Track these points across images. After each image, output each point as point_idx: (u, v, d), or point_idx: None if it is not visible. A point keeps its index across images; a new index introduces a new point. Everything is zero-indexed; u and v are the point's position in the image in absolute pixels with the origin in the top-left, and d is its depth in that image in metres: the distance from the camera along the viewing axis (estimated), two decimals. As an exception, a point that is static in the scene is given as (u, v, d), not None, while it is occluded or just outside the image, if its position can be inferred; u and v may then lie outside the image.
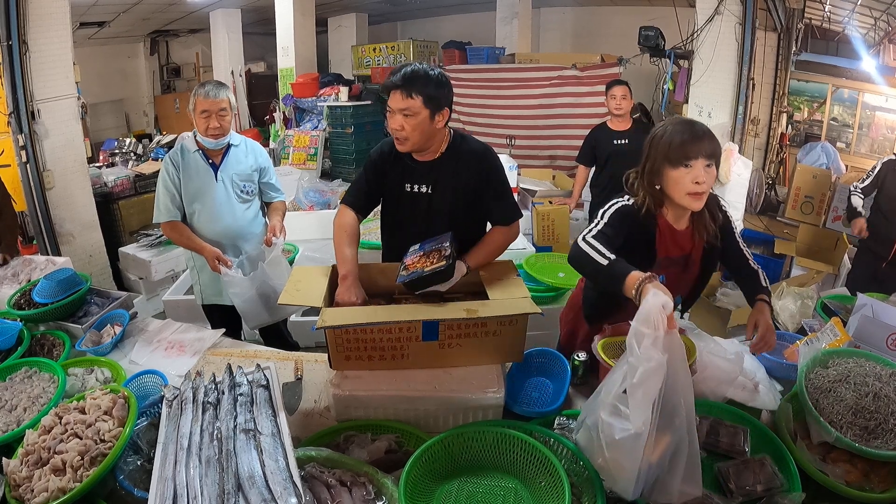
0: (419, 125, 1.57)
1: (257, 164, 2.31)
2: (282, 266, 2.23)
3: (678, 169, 1.36)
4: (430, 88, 1.55)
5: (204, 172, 2.20)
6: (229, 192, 2.24)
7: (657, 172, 1.41)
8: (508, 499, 1.18)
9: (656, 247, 1.49)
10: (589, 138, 3.55)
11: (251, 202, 2.33)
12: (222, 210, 2.23)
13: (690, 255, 1.54)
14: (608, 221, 1.45)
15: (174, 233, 2.20)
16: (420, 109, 1.55)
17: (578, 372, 1.57)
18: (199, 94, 2.11)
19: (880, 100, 4.45)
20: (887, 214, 2.66)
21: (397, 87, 1.54)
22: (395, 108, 1.56)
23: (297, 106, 5.99)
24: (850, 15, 4.23)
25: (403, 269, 1.52)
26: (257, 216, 2.37)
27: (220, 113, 2.12)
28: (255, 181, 2.32)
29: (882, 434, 1.21)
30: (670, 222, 1.50)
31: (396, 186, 1.72)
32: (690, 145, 1.35)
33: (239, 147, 2.28)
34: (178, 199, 2.19)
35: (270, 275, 2.18)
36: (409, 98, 1.54)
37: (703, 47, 3.80)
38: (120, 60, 8.02)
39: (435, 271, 1.44)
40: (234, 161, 2.25)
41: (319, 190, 4.45)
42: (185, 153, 2.21)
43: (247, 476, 1.05)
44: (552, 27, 7.02)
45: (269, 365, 1.38)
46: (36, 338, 1.85)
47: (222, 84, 2.18)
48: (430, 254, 1.52)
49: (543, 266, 2.80)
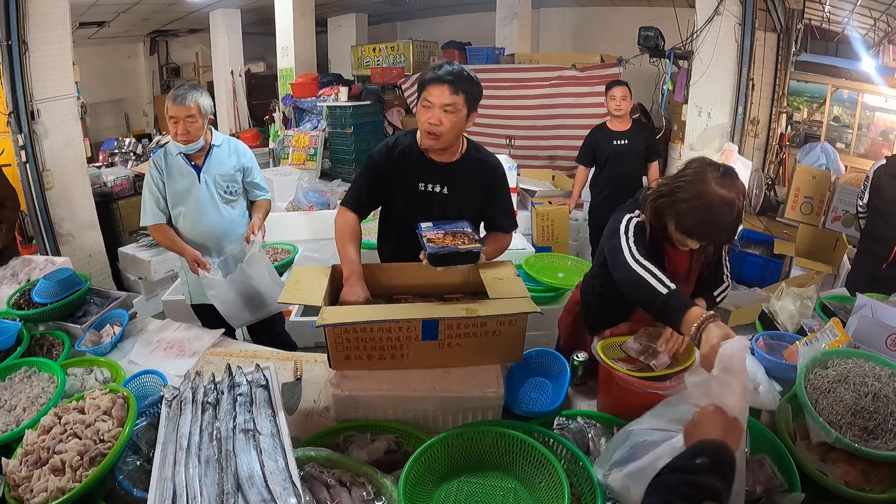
0: (457, 122, 1.60)
1: (240, 164, 2.29)
2: (260, 264, 2.21)
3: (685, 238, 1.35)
4: (473, 88, 1.60)
5: (187, 174, 2.19)
6: (213, 193, 2.22)
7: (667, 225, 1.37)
8: (508, 499, 1.18)
9: (666, 264, 1.46)
10: (588, 139, 3.56)
11: (235, 202, 2.31)
12: (206, 211, 2.22)
13: (689, 272, 1.55)
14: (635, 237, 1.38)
15: (159, 234, 2.22)
16: (462, 107, 1.58)
17: (578, 372, 1.57)
18: (168, 99, 2.10)
19: (880, 100, 4.45)
20: (885, 216, 2.66)
21: (445, 81, 1.55)
22: (436, 102, 1.57)
23: (297, 106, 5.99)
24: (850, 15, 4.23)
25: (427, 241, 1.51)
26: (243, 216, 2.35)
27: (188, 119, 2.08)
28: (239, 181, 2.30)
29: (881, 434, 1.20)
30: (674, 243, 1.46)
31: (408, 184, 1.72)
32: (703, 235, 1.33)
33: (221, 147, 2.25)
34: (162, 201, 2.20)
35: (249, 273, 2.17)
36: (455, 94, 1.56)
37: (703, 48, 3.80)
38: (120, 60, 8.02)
39: (472, 251, 1.49)
40: (217, 162, 2.23)
41: (319, 190, 4.44)
42: (168, 156, 2.20)
43: (246, 476, 1.05)
44: (552, 27, 7.02)
45: (268, 365, 1.38)
46: (35, 338, 1.85)
47: (194, 88, 2.13)
48: (457, 234, 1.55)
49: (543, 266, 2.81)
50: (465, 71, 1.60)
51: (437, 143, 1.63)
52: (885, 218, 2.66)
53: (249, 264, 2.16)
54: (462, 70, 1.59)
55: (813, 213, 3.78)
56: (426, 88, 1.59)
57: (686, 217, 1.30)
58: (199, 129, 2.12)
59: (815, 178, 3.80)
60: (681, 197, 1.30)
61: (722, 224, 1.28)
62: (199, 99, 2.10)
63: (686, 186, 1.30)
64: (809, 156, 4.33)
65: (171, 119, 2.10)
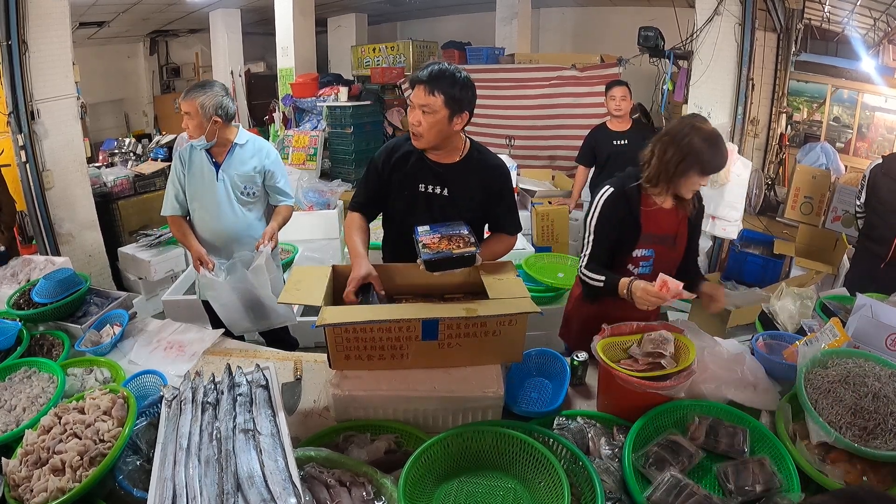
0: (436, 123, 1.59)
1: (262, 166, 2.25)
2: (265, 276, 2.15)
3: (704, 177, 1.61)
4: (455, 90, 1.56)
5: (207, 170, 2.20)
6: (229, 192, 2.21)
7: (683, 173, 1.59)
8: (508, 499, 1.18)
9: (641, 222, 1.67)
10: (588, 139, 3.56)
11: (253, 205, 2.28)
12: (221, 210, 2.21)
13: (677, 234, 1.72)
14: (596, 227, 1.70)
15: (173, 227, 2.27)
16: (440, 108, 1.56)
17: (578, 372, 1.57)
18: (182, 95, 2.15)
19: (880, 100, 4.45)
20: (882, 216, 2.66)
21: (422, 82, 1.56)
22: (416, 102, 1.59)
23: (297, 106, 5.98)
24: (850, 15, 4.23)
25: (423, 247, 1.51)
26: (259, 220, 2.31)
27: (186, 116, 2.12)
28: (259, 183, 2.27)
29: (881, 434, 1.20)
30: (657, 202, 1.69)
31: (409, 185, 1.72)
32: (720, 163, 1.58)
33: (245, 147, 2.23)
34: (182, 194, 2.23)
35: (253, 282, 2.13)
36: (430, 95, 1.55)
37: (703, 48, 3.80)
38: (120, 60, 8.01)
39: (465, 255, 1.48)
40: (238, 161, 2.22)
41: (319, 190, 4.44)
42: (193, 150, 2.21)
43: (246, 476, 1.05)
44: (552, 27, 7.02)
45: (268, 365, 1.38)
46: (35, 338, 1.85)
47: (203, 86, 2.13)
48: (452, 238, 1.54)
49: (543, 266, 2.81)
50: (448, 72, 1.56)
51: (419, 143, 1.64)
52: (882, 217, 2.66)
53: (255, 273, 2.13)
54: (445, 71, 1.56)
55: (813, 213, 3.78)
56: (412, 88, 1.60)
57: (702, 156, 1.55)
58: (197, 126, 2.13)
59: (815, 178, 3.80)
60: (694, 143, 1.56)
61: (724, 149, 1.58)
62: (200, 97, 2.10)
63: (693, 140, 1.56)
64: (809, 156, 4.33)
65: (184, 114, 2.15)
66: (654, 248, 1.71)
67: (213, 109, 2.12)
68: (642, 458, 1.23)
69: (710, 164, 1.58)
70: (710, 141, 1.56)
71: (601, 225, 1.69)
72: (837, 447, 1.22)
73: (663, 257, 1.72)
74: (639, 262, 1.72)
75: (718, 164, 1.59)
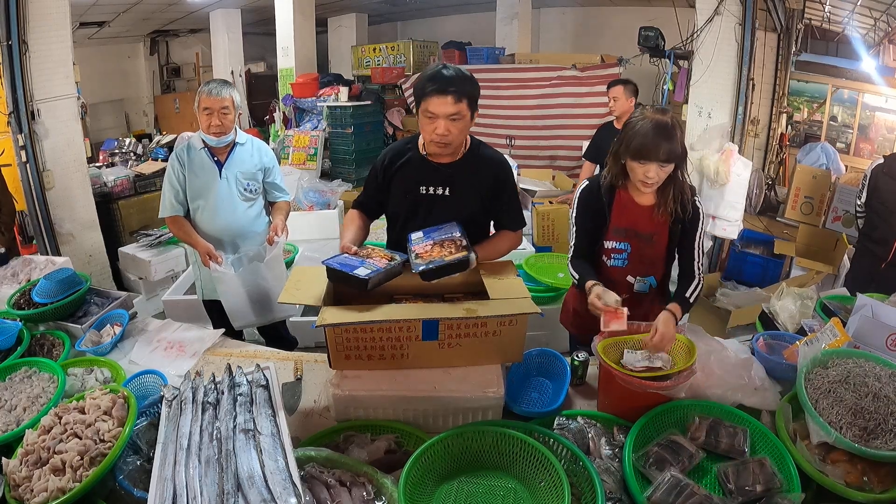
0: (465, 128, 1.58)
1: (262, 164, 2.33)
2: (279, 268, 2.24)
3: (636, 162, 1.56)
4: (473, 89, 1.55)
5: (209, 170, 2.23)
6: (232, 189, 2.26)
7: (622, 156, 1.60)
8: (508, 499, 1.18)
9: (611, 214, 1.69)
10: (596, 136, 3.57)
11: (254, 201, 2.34)
12: (224, 207, 2.25)
13: (655, 232, 1.68)
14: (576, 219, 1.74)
15: (174, 226, 2.27)
16: (466, 112, 1.54)
17: (578, 372, 1.57)
18: (202, 92, 2.15)
19: (880, 100, 4.45)
20: (883, 215, 2.65)
21: (449, 93, 1.48)
22: (440, 112, 1.50)
23: (297, 106, 5.99)
24: (850, 15, 4.23)
25: (416, 257, 1.51)
26: (260, 216, 2.38)
27: (222, 111, 2.14)
28: (260, 181, 2.34)
29: (881, 434, 1.20)
30: (632, 196, 1.68)
31: (410, 189, 1.71)
32: (650, 147, 1.52)
33: (245, 146, 2.30)
34: (181, 195, 2.24)
35: (267, 275, 2.19)
36: (458, 102, 1.50)
37: (703, 47, 3.79)
38: (120, 60, 8.01)
39: (457, 261, 1.46)
40: (239, 160, 2.27)
41: (319, 190, 4.44)
42: (192, 150, 2.24)
43: (246, 476, 1.05)
44: (552, 27, 7.02)
45: (268, 365, 1.38)
46: (35, 338, 1.85)
47: (227, 83, 2.19)
48: (444, 243, 1.53)
49: (543, 266, 2.81)
50: (460, 73, 1.53)
51: (446, 150, 1.61)
52: (883, 217, 2.66)
53: (269, 265, 2.20)
54: (458, 74, 1.52)
55: (813, 213, 3.78)
56: (427, 99, 1.51)
57: (632, 140, 1.54)
58: (231, 122, 2.19)
59: (815, 178, 3.79)
60: (632, 123, 1.57)
61: (666, 133, 1.51)
62: (233, 93, 2.17)
63: (630, 123, 1.58)
64: (810, 156, 4.33)
65: (204, 111, 2.15)
66: (628, 243, 1.70)
67: (239, 105, 2.22)
68: (643, 458, 1.23)
69: (641, 150, 1.52)
70: (650, 127, 1.51)
71: (579, 216, 1.73)
72: (838, 447, 1.22)
73: (639, 253, 1.70)
74: (611, 255, 1.73)
75: (648, 151, 1.51)
